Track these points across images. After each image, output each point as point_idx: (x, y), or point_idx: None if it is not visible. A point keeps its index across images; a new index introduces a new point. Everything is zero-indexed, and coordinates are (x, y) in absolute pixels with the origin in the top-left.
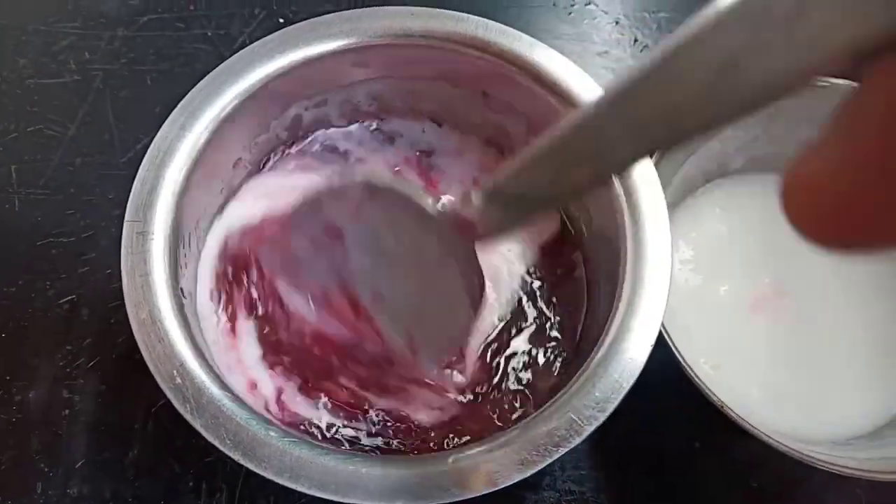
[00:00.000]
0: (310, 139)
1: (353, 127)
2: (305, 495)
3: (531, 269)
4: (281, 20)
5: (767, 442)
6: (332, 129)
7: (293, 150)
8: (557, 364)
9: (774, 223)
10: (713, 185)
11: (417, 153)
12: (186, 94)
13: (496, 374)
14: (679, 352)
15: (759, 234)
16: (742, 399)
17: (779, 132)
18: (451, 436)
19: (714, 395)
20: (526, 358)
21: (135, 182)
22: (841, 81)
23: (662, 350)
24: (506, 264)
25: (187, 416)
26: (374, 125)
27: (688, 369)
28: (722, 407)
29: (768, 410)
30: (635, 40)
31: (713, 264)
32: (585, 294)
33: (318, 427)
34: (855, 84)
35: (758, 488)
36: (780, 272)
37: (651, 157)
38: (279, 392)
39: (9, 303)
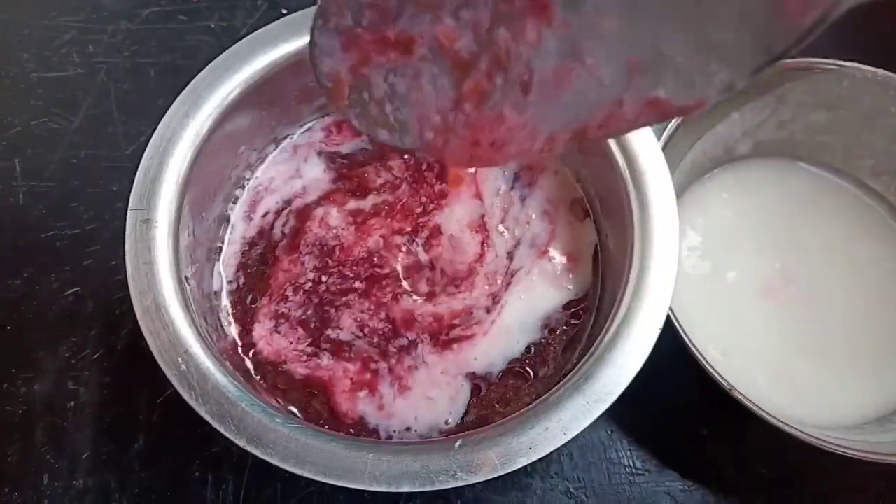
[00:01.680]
0: (311, 126)
1: None
2: (311, 483)
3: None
4: (284, 11)
5: (777, 426)
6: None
7: (296, 136)
8: (565, 349)
9: (782, 208)
10: (720, 170)
11: None
12: None
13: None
14: (688, 337)
15: (768, 219)
16: (751, 384)
17: (786, 116)
18: None
19: (723, 378)
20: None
21: (138, 171)
22: (847, 64)
23: (671, 337)
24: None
25: (192, 403)
26: None
27: (696, 354)
28: (731, 390)
29: (778, 396)
30: None
31: (721, 251)
32: (598, 282)
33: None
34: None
35: (766, 473)
36: (788, 258)
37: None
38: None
39: (13, 295)
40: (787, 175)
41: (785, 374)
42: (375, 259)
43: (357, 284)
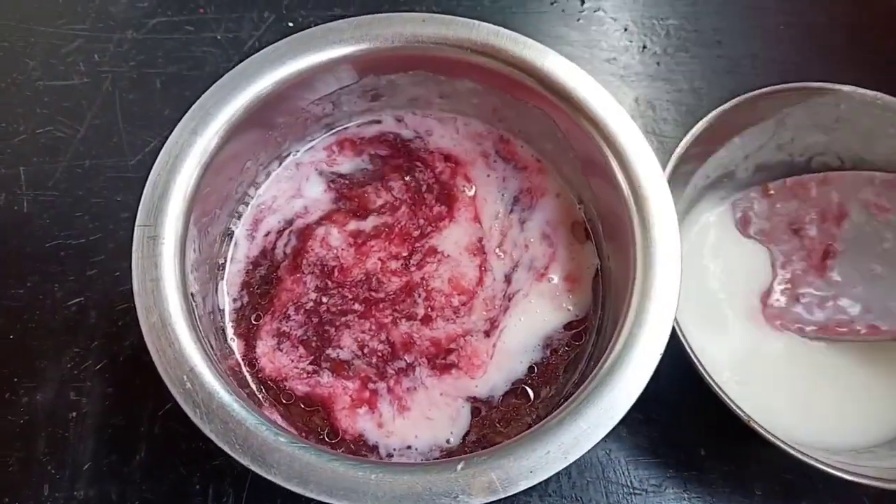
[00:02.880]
0: (318, 141)
1: (363, 129)
2: (312, 500)
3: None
4: (290, 24)
5: (791, 454)
6: (343, 131)
7: (300, 153)
8: (566, 369)
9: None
10: (723, 193)
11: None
12: (195, 97)
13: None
14: (704, 368)
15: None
16: (762, 408)
17: (785, 139)
18: None
19: (742, 410)
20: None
21: (146, 186)
22: (846, 88)
23: (670, 357)
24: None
25: (197, 422)
26: (386, 131)
27: (714, 386)
28: (749, 421)
29: (790, 421)
30: (644, 47)
31: (725, 274)
32: (598, 304)
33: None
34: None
35: (762, 495)
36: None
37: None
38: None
39: (17, 304)
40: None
41: (796, 399)
42: (373, 282)
43: (356, 306)
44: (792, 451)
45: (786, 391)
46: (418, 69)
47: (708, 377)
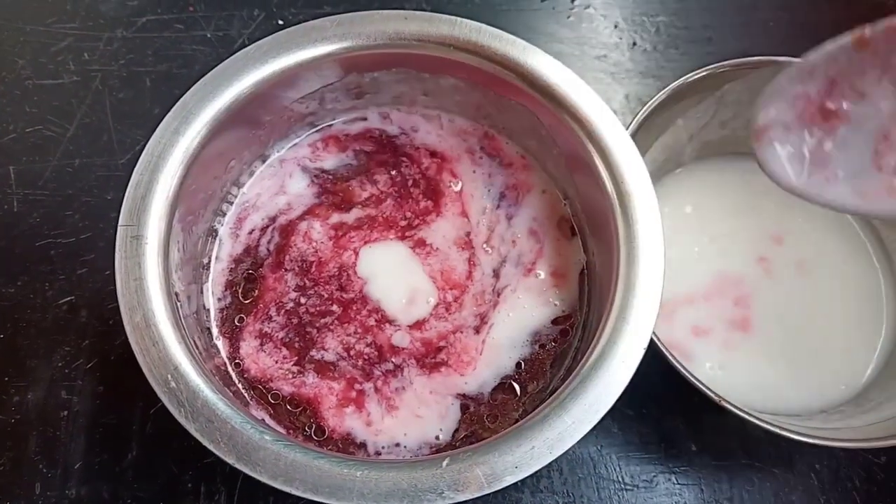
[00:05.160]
0: (301, 139)
1: (348, 126)
2: (303, 498)
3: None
4: (280, 22)
5: (766, 428)
6: (327, 129)
7: (283, 151)
8: (553, 364)
9: (729, 207)
10: (670, 176)
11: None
12: None
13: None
14: (677, 360)
15: (713, 219)
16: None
17: (727, 116)
18: None
19: (713, 392)
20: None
21: (128, 186)
22: (782, 59)
23: (660, 356)
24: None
25: (182, 420)
26: (371, 128)
27: (688, 375)
28: (720, 401)
29: (759, 392)
30: (634, 44)
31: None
32: (584, 300)
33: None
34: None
35: (755, 488)
36: (739, 261)
37: None
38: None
39: (7, 304)
40: (731, 173)
41: (762, 372)
42: (343, 278)
43: (334, 307)
44: (766, 426)
45: (749, 365)
46: (401, 66)
47: (670, 356)
